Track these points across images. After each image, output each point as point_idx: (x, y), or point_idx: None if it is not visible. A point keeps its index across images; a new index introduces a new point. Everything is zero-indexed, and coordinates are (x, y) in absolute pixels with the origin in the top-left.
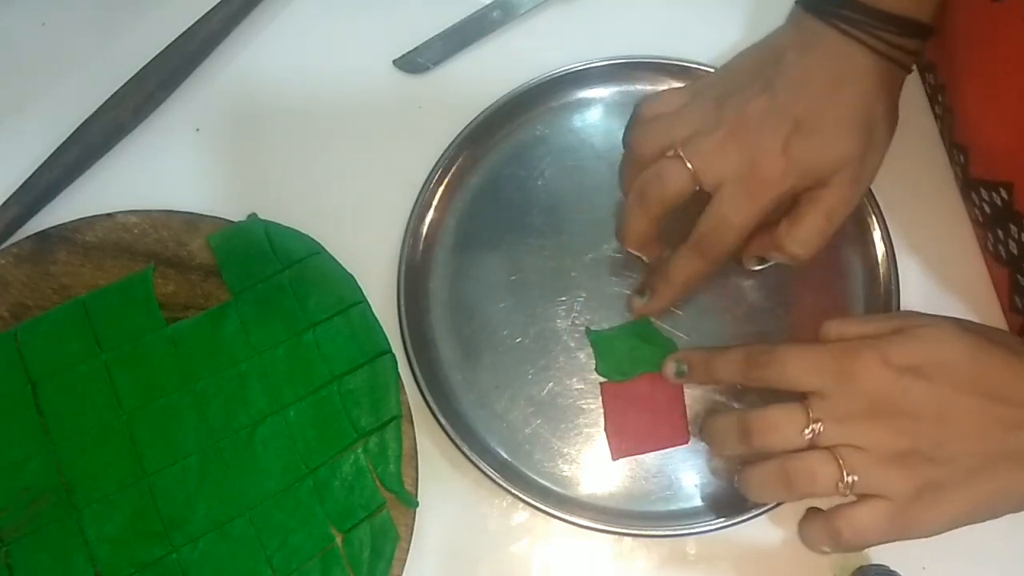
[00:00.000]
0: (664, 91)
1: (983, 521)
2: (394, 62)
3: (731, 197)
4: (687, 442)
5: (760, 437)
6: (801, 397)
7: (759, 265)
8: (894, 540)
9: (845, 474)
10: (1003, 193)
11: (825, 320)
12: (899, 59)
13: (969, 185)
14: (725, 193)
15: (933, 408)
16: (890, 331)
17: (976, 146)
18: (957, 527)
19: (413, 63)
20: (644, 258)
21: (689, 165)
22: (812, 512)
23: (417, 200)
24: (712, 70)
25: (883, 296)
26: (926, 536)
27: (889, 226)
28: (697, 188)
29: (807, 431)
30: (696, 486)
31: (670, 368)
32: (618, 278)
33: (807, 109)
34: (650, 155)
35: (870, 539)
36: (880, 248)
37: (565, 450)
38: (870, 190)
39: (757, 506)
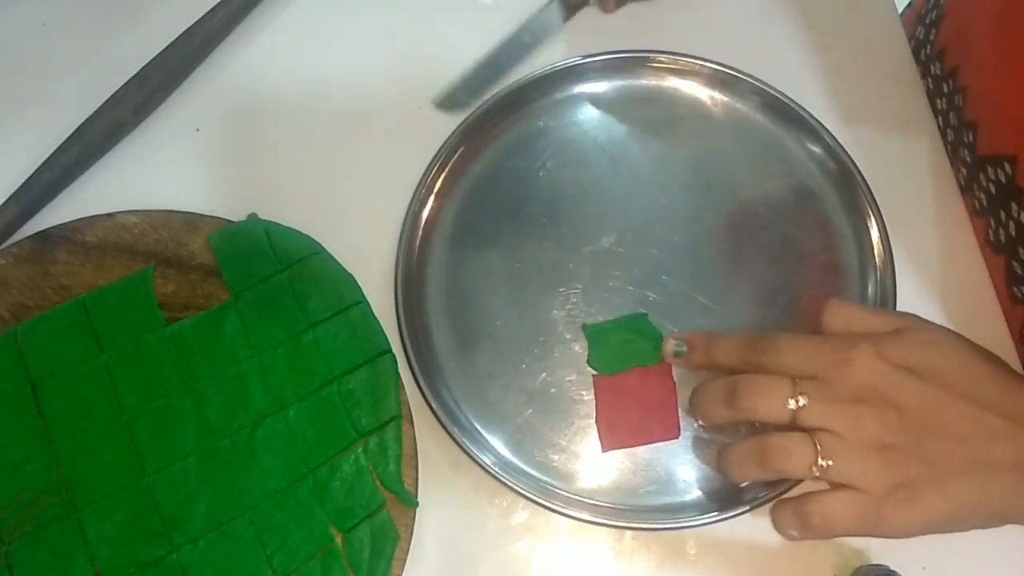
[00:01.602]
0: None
1: (951, 532)
2: (435, 103)
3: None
4: (677, 437)
5: (745, 398)
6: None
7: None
8: (862, 535)
9: (820, 458)
10: (1007, 168)
11: (829, 300)
12: None
13: (976, 164)
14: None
15: (920, 406)
16: (891, 331)
17: (986, 120)
18: (926, 533)
19: (454, 100)
20: None
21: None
22: (787, 498)
23: (415, 200)
24: (709, 66)
25: (880, 297)
26: (893, 537)
27: (888, 226)
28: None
29: (791, 402)
30: (690, 480)
31: (669, 347)
32: (615, 271)
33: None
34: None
35: (838, 529)
36: (878, 249)
37: (558, 441)
38: (870, 190)
39: (752, 499)
